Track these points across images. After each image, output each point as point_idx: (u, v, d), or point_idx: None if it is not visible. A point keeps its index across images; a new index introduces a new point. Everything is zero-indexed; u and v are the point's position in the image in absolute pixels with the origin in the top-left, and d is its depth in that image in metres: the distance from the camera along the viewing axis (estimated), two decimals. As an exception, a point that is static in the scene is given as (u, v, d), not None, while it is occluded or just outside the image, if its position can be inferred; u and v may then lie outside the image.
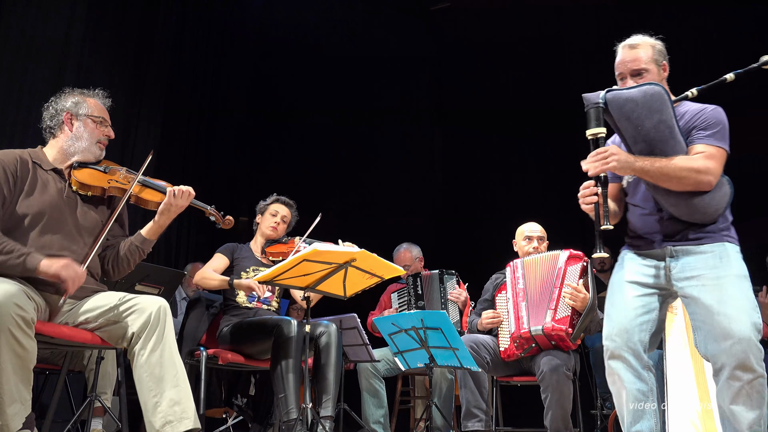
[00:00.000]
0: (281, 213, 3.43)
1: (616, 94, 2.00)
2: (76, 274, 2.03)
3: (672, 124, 1.99)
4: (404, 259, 4.26)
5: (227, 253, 3.35)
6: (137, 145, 4.79)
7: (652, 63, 2.13)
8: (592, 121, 2.00)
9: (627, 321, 2.06)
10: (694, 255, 2.01)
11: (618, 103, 1.99)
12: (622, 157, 1.98)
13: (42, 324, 2.02)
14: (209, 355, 3.07)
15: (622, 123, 2.02)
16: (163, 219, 2.34)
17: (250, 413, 3.50)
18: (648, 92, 1.97)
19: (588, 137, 2.01)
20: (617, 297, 2.13)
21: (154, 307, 2.08)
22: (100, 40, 4.68)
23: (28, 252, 2.02)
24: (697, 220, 2.02)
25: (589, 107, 2.01)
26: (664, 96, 1.97)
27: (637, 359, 2.05)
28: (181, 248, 5.42)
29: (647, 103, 1.96)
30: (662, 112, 1.97)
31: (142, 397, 2.02)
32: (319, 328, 3.07)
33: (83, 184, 2.27)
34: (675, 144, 1.99)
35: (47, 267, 2.00)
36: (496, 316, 3.19)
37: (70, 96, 2.36)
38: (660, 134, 1.98)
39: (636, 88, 2.00)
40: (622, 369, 2.06)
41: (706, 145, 2.00)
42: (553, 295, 3.04)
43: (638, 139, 2.01)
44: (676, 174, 1.95)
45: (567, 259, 3.11)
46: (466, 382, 3.02)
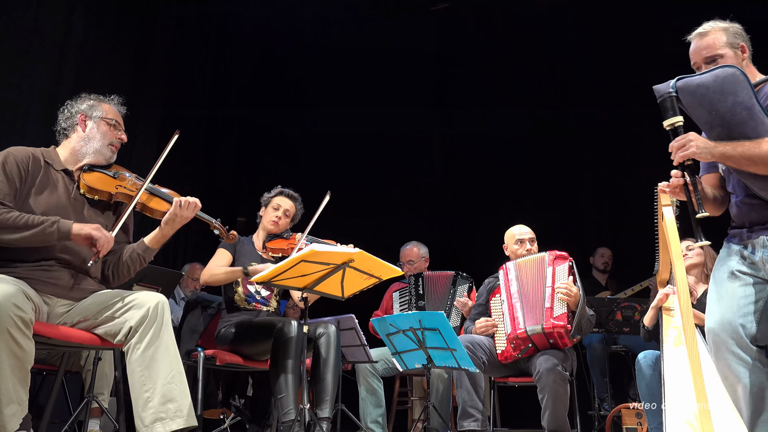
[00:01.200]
0: (284, 207, 3.37)
1: (686, 81, 1.92)
2: (106, 237, 2.13)
3: (750, 104, 1.87)
4: (410, 255, 4.26)
5: (229, 247, 3.31)
6: (136, 146, 4.79)
7: (726, 47, 2.04)
8: (668, 111, 1.94)
9: (731, 313, 1.97)
10: None
11: (689, 90, 1.91)
12: (700, 143, 1.89)
13: (40, 324, 2.02)
14: (207, 355, 3.06)
15: (695, 110, 1.94)
16: (168, 229, 2.35)
17: (247, 414, 3.51)
18: (720, 75, 1.88)
19: (666, 128, 1.94)
20: (720, 290, 2.04)
21: (152, 302, 2.07)
22: (99, 39, 4.68)
23: (57, 219, 2.08)
24: None
25: (662, 98, 1.94)
26: (739, 77, 1.87)
27: (746, 350, 1.94)
28: (178, 249, 5.42)
29: (719, 86, 1.87)
30: (737, 94, 1.86)
31: (133, 391, 1.99)
32: (319, 328, 3.06)
33: (91, 188, 2.28)
34: (756, 125, 1.87)
35: (80, 229, 2.09)
36: (491, 324, 3.20)
37: (86, 100, 2.40)
38: (737, 117, 1.87)
39: (707, 73, 1.91)
40: (733, 362, 1.96)
41: None
42: (546, 294, 3.09)
43: (714, 124, 1.91)
44: (761, 158, 1.84)
45: (554, 260, 3.19)
46: (462, 382, 3.03)
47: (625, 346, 4.61)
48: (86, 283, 2.23)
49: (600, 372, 4.44)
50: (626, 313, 3.90)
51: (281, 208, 3.37)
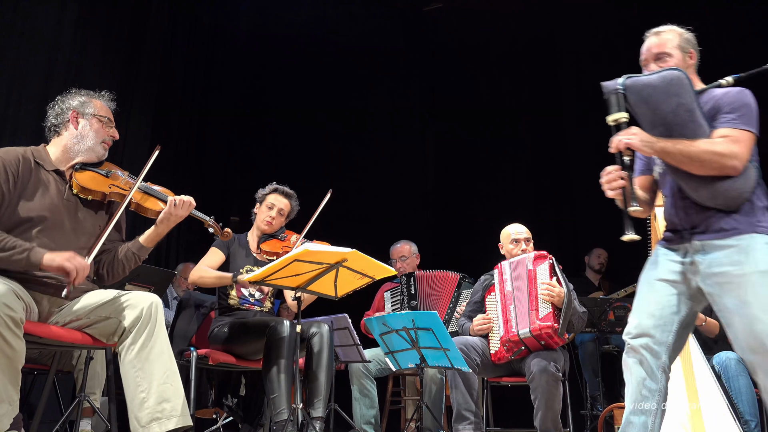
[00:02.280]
0: (278, 206, 3.31)
1: (634, 80, 1.96)
2: (81, 265, 2.03)
3: (692, 108, 1.92)
4: (402, 251, 4.25)
5: (223, 247, 3.27)
6: (128, 144, 4.77)
7: (677, 49, 2.09)
8: (613, 106, 1.97)
9: (651, 320, 2.00)
10: (720, 250, 1.91)
11: (636, 88, 1.95)
12: (643, 135, 1.93)
13: (31, 324, 2.01)
14: (200, 355, 3.06)
15: (640, 108, 1.98)
16: (162, 228, 2.33)
17: (240, 414, 3.49)
18: (666, 77, 1.93)
19: (610, 123, 1.98)
20: (644, 294, 2.07)
21: (146, 303, 2.07)
22: (91, 38, 4.66)
23: (31, 247, 2.01)
24: (719, 205, 1.93)
25: (609, 93, 1.98)
26: (684, 80, 1.92)
27: (655, 358, 1.98)
28: (171, 248, 5.40)
29: (665, 87, 1.92)
30: (681, 96, 1.91)
31: (128, 392, 1.99)
32: (312, 328, 3.05)
33: (84, 188, 2.25)
34: (696, 128, 1.92)
35: (50, 260, 2.00)
36: (487, 322, 3.20)
37: (77, 96, 2.36)
38: (678, 118, 1.92)
39: (655, 74, 1.96)
40: (635, 364, 2.00)
41: (731, 129, 1.92)
42: (531, 295, 3.08)
43: (656, 123, 1.96)
44: (698, 156, 1.88)
45: (534, 260, 3.17)
46: (456, 384, 3.02)
47: (618, 345, 4.63)
48: (81, 284, 2.21)
49: (592, 372, 4.46)
50: (619, 313, 3.91)
51: (275, 208, 3.31)
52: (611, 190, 1.99)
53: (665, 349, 1.98)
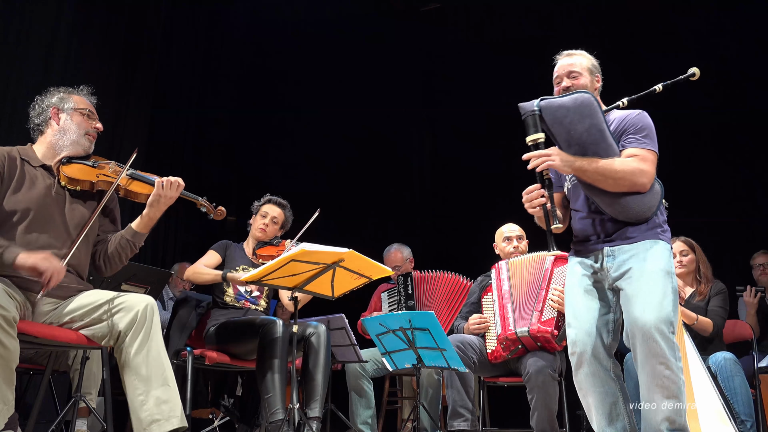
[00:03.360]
0: (271, 214, 3.41)
1: (549, 102, 2.13)
2: (55, 268, 1.98)
3: (603, 128, 2.09)
4: (395, 260, 4.26)
5: (220, 250, 3.35)
6: (124, 145, 4.76)
7: (587, 71, 2.29)
8: (530, 127, 2.13)
9: (589, 326, 2.15)
10: (627, 252, 2.10)
11: (551, 109, 2.12)
12: (563, 156, 2.09)
13: (26, 323, 2.01)
14: (196, 355, 3.05)
15: (556, 128, 2.14)
16: (153, 211, 2.32)
17: (236, 414, 3.49)
18: (578, 99, 2.10)
19: (528, 143, 2.14)
20: (572, 305, 2.22)
21: (141, 305, 2.07)
22: (87, 38, 4.65)
23: (7, 245, 2.00)
24: (630, 219, 2.11)
25: (526, 115, 2.15)
26: (594, 103, 2.09)
27: (600, 363, 2.12)
28: (168, 248, 5.40)
29: (578, 108, 2.09)
30: (592, 117, 2.08)
31: (128, 395, 2.01)
32: (309, 328, 3.06)
33: (72, 179, 2.26)
34: (607, 147, 2.09)
35: (24, 260, 1.96)
36: (483, 321, 3.19)
37: (55, 93, 2.38)
38: (592, 137, 2.09)
39: (567, 96, 2.13)
40: (587, 376, 2.14)
41: (638, 148, 2.11)
42: (539, 296, 3.05)
43: (572, 142, 2.12)
44: (612, 175, 2.05)
45: (554, 261, 3.12)
46: (453, 382, 3.03)
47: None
48: (71, 281, 2.21)
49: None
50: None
51: (269, 216, 3.41)
52: (532, 208, 2.16)
53: (606, 353, 2.14)
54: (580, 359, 2.15)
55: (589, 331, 2.14)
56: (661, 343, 1.95)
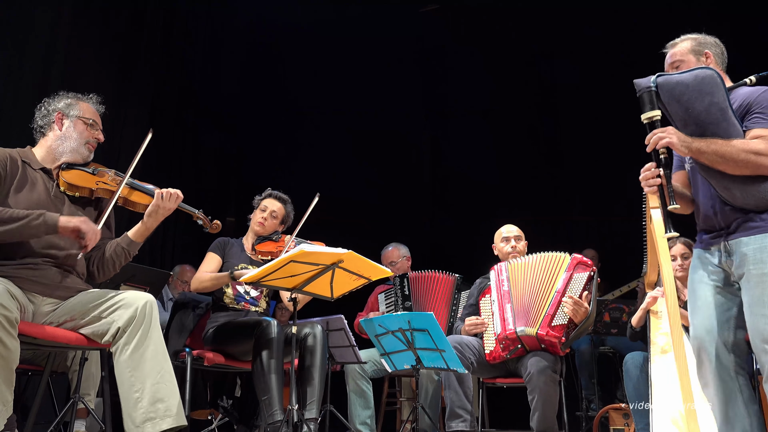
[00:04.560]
0: (270, 208, 3.37)
1: (667, 78, 1.99)
2: (94, 231, 2.11)
3: (724, 106, 1.93)
4: (391, 257, 4.26)
5: (218, 250, 3.32)
6: (123, 148, 4.74)
7: (690, 54, 2.14)
8: (646, 104, 1.99)
9: (710, 322, 2.02)
10: (746, 247, 1.94)
11: (669, 86, 1.97)
12: (680, 135, 1.96)
13: (25, 324, 2.00)
14: (195, 356, 3.05)
15: (673, 106, 1.99)
16: (151, 221, 2.34)
17: (235, 415, 3.48)
18: (699, 75, 1.95)
19: (644, 121, 2.00)
20: (696, 299, 2.09)
21: (140, 302, 2.07)
22: (86, 39, 4.64)
23: (43, 212, 2.06)
24: (749, 206, 1.95)
25: (641, 91, 2.00)
26: (716, 79, 1.94)
27: (725, 359, 1.99)
28: (167, 249, 5.39)
29: (698, 85, 1.94)
30: (713, 95, 1.93)
31: (122, 392, 1.99)
32: (305, 329, 3.06)
33: (71, 185, 2.27)
34: (728, 126, 1.93)
35: (67, 221, 2.07)
36: (480, 322, 3.19)
37: (64, 98, 2.38)
38: (711, 116, 1.94)
39: (688, 72, 1.98)
40: (708, 373, 2.02)
41: (765, 129, 1.93)
42: (553, 300, 3.01)
43: (689, 121, 1.97)
44: (733, 156, 1.89)
45: (575, 265, 3.08)
46: (450, 383, 3.01)
47: (613, 347, 4.64)
48: (72, 282, 2.22)
49: (588, 373, 4.46)
50: (614, 314, 3.92)
51: (268, 210, 3.37)
52: (648, 186, 2.00)
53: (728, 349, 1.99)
54: (700, 357, 2.03)
55: (708, 328, 2.01)
56: None
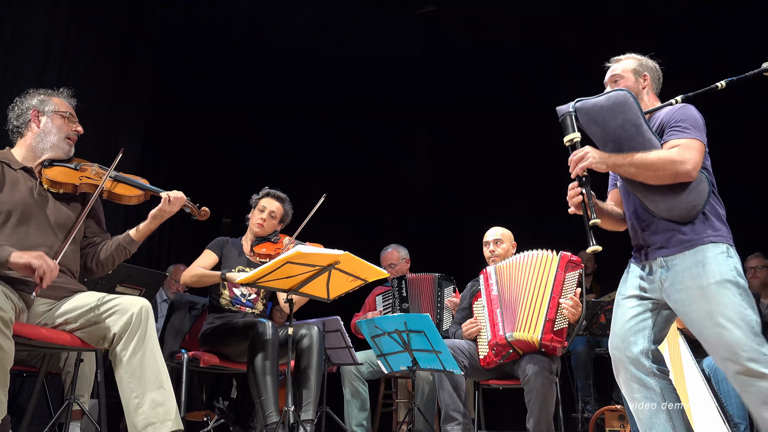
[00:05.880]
0: (269, 209, 3.33)
1: (584, 102, 2.13)
2: (48, 266, 1.96)
3: (638, 123, 2.04)
4: (390, 259, 4.26)
5: (216, 249, 3.29)
6: (120, 146, 4.74)
7: (630, 72, 2.26)
8: (567, 128, 2.14)
9: (623, 332, 2.09)
10: (679, 265, 1.99)
11: (585, 109, 2.12)
12: (596, 154, 2.06)
13: (20, 325, 2.00)
14: (190, 357, 3.04)
15: (590, 127, 2.12)
16: (154, 223, 2.37)
17: (231, 416, 3.48)
18: (612, 97, 2.08)
19: (565, 143, 2.14)
20: (618, 310, 2.16)
21: (136, 308, 2.07)
22: (83, 39, 4.63)
23: (1, 245, 1.99)
24: (674, 218, 2.02)
25: (562, 116, 2.15)
26: (629, 99, 2.06)
27: (638, 367, 2.04)
28: (162, 249, 5.38)
29: (612, 106, 2.07)
30: (626, 113, 2.05)
31: (123, 398, 2.00)
32: (301, 330, 3.05)
33: (54, 182, 2.26)
34: (644, 141, 2.03)
35: (18, 258, 1.95)
36: (475, 324, 3.18)
37: (35, 95, 2.36)
38: (626, 132, 2.05)
39: (602, 95, 2.12)
40: (626, 380, 2.07)
41: (680, 138, 2.02)
42: (547, 302, 2.97)
43: (607, 140, 2.09)
44: (648, 165, 1.98)
45: (565, 264, 3.05)
46: (443, 385, 3.00)
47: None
48: (67, 282, 2.21)
49: (584, 375, 4.46)
50: (610, 316, 3.91)
51: (267, 210, 3.33)
52: (572, 205, 2.12)
53: (645, 355, 2.05)
54: (616, 366, 2.09)
55: (623, 337, 2.08)
56: (748, 360, 1.81)
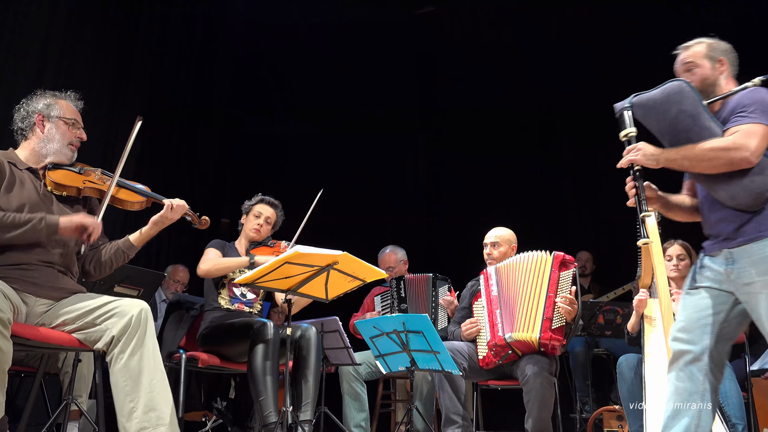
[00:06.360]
0: (265, 214, 3.38)
1: (640, 97, 2.09)
2: (95, 223, 2.15)
3: (695, 113, 1.98)
4: (389, 261, 4.26)
5: (219, 247, 3.32)
6: (117, 147, 4.74)
7: (704, 59, 2.14)
8: (622, 123, 2.10)
9: (685, 327, 2.03)
10: (747, 257, 1.92)
11: (641, 103, 2.07)
12: (648, 150, 2.03)
13: (18, 325, 1.99)
14: (189, 357, 3.04)
15: (647, 121, 2.09)
16: (155, 230, 2.39)
17: (229, 417, 3.48)
18: (666, 88, 2.03)
19: (621, 139, 2.10)
20: (684, 301, 2.09)
21: (135, 311, 2.06)
22: (82, 37, 4.62)
23: (43, 215, 2.09)
24: (741, 206, 1.94)
25: (618, 112, 2.12)
26: (684, 88, 2.00)
27: (692, 363, 1.98)
28: (161, 250, 5.36)
29: (666, 97, 2.01)
30: (681, 103, 1.99)
31: (117, 401, 1.99)
32: (299, 330, 3.05)
33: (58, 185, 2.27)
34: (700, 131, 1.97)
35: (68, 221, 2.10)
36: (475, 324, 3.18)
37: (42, 98, 2.36)
38: (681, 124, 1.99)
39: (657, 88, 2.06)
40: (675, 369, 2.01)
41: (740, 125, 1.95)
42: (543, 302, 2.98)
43: (663, 132, 2.06)
44: (702, 155, 1.93)
45: (560, 264, 3.06)
46: (443, 387, 3.00)
47: (607, 349, 4.65)
48: (66, 282, 2.21)
49: (582, 375, 4.47)
50: (608, 316, 3.93)
51: (263, 216, 3.37)
52: (630, 197, 2.09)
53: (704, 352, 1.98)
54: (674, 355, 2.03)
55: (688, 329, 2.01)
56: None
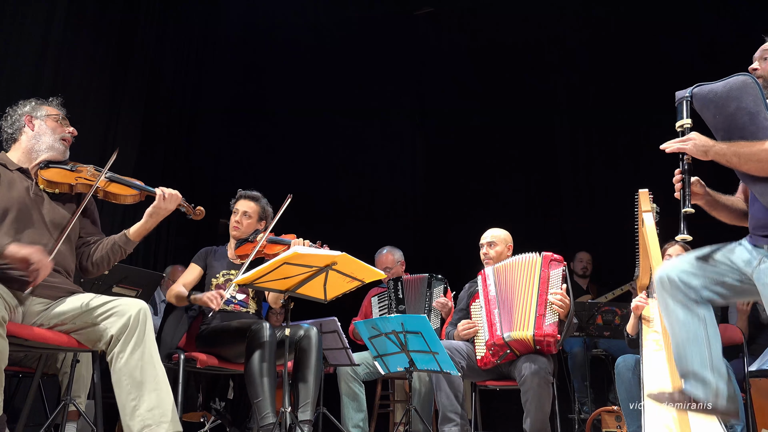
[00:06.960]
0: (241, 210, 3.35)
1: (701, 88, 2.03)
2: (44, 262, 1.99)
3: (755, 110, 1.92)
4: (386, 262, 4.26)
5: (200, 261, 3.34)
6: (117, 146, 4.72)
7: None
8: (679, 113, 2.07)
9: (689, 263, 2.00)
10: None
11: (701, 95, 2.02)
12: (699, 141, 1.98)
13: (15, 326, 1.99)
14: (187, 358, 3.04)
15: (704, 113, 2.03)
16: (151, 222, 2.37)
17: (228, 417, 3.47)
18: (730, 82, 1.97)
19: (677, 129, 2.07)
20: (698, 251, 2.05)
21: (133, 310, 2.06)
22: (80, 39, 4.62)
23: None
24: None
25: (678, 101, 2.08)
26: (749, 83, 1.95)
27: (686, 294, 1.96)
28: (160, 250, 5.37)
29: (726, 92, 1.96)
30: (740, 100, 1.93)
31: (120, 400, 2.00)
32: (300, 330, 3.05)
33: (50, 182, 2.28)
34: (756, 130, 1.91)
35: (15, 251, 1.96)
36: (471, 326, 3.18)
37: (26, 103, 2.41)
38: (737, 121, 1.94)
39: (721, 81, 2.00)
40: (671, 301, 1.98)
41: None
42: (539, 300, 3.00)
43: (718, 127, 2.00)
44: (751, 154, 1.88)
45: (549, 263, 3.09)
46: (441, 386, 3.00)
47: (605, 349, 4.65)
48: (62, 281, 2.21)
49: (580, 376, 4.47)
50: (607, 317, 3.93)
51: (239, 212, 3.36)
52: (677, 191, 2.05)
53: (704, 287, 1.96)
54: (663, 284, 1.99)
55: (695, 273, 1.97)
56: None
